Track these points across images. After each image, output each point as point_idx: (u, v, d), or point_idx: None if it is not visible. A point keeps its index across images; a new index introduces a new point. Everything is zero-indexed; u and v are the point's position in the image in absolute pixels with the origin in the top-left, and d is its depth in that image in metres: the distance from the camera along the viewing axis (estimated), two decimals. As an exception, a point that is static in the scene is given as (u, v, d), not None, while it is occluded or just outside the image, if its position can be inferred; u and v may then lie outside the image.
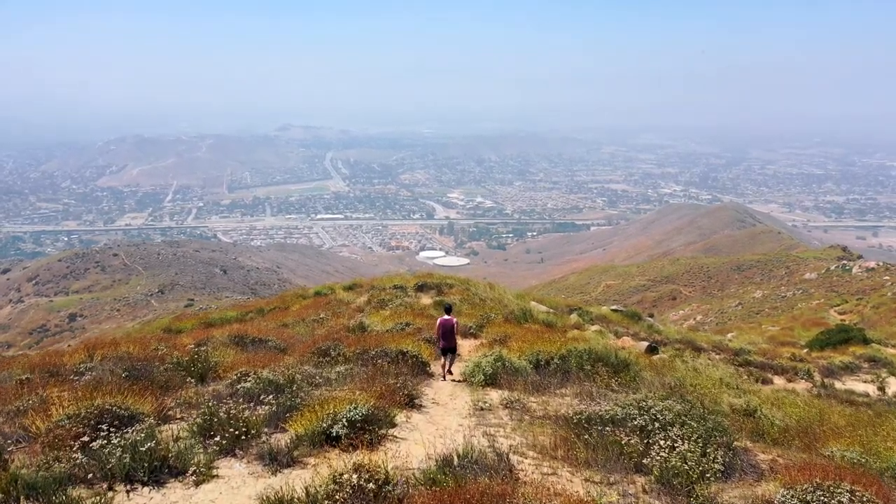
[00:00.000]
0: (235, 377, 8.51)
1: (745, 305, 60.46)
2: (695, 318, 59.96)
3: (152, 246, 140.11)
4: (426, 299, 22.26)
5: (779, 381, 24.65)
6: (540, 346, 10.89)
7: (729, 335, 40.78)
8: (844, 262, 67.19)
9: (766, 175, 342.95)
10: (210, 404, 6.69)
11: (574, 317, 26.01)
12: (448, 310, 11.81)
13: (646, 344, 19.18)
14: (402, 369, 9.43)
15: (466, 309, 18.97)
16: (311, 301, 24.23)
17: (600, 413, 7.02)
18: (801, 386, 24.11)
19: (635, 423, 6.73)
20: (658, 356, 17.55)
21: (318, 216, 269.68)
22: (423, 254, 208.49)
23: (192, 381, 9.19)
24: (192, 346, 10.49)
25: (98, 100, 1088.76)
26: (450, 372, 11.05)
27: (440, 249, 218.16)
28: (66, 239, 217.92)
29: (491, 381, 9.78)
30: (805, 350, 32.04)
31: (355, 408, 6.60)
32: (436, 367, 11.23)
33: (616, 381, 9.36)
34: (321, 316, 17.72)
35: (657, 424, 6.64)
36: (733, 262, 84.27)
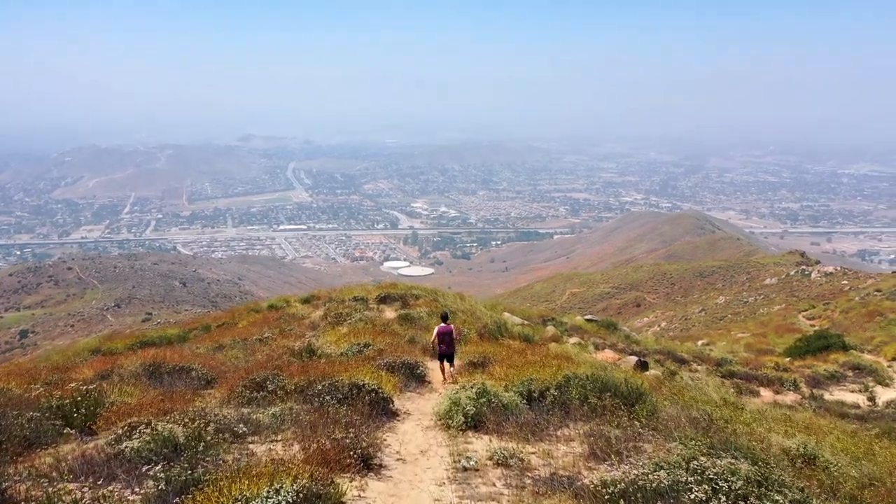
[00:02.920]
0: (123, 430, 6.08)
1: (709, 311, 60.00)
2: (659, 325, 59.13)
3: (109, 259, 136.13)
4: (390, 312, 19.97)
5: (766, 394, 23.11)
6: (530, 372, 8.68)
7: (700, 342, 39.50)
8: (803, 267, 67.37)
9: (723, 183, 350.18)
10: (50, 491, 4.31)
11: (550, 328, 24.09)
12: (444, 318, 12.50)
13: (635, 359, 17.34)
14: (357, 411, 7.09)
15: (435, 322, 16.78)
16: (262, 316, 21.66)
17: (638, 482, 4.84)
18: (790, 398, 22.62)
19: (692, 496, 4.61)
20: (652, 373, 15.74)
21: (281, 227, 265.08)
22: (388, 264, 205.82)
23: (73, 432, 6.78)
24: (80, 383, 8.03)
25: (62, 109, 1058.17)
26: (450, 376, 11.01)
27: (404, 259, 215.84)
28: (18, 253, 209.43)
29: (473, 422, 7.52)
30: (787, 359, 30.83)
31: (278, 490, 4.29)
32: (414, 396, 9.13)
33: (634, 418, 7.22)
34: (265, 335, 15.21)
35: (723, 498, 4.56)
36: (695, 269, 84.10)
